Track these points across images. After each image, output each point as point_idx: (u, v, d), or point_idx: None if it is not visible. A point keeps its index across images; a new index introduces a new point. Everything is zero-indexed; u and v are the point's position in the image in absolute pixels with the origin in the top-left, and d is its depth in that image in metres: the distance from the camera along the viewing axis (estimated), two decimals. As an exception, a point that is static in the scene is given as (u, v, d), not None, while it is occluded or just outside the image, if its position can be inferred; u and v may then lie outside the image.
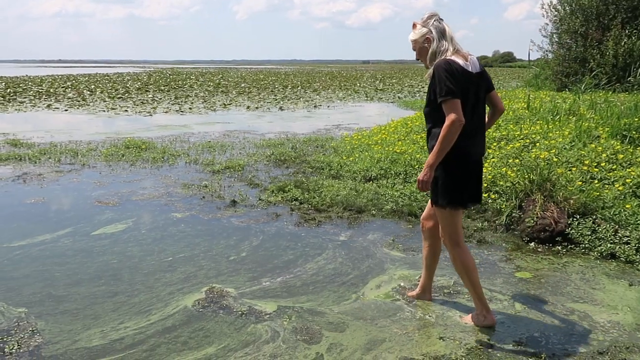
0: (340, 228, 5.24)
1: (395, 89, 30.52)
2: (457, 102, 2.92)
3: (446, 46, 3.05)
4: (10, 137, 10.97)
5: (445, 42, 3.06)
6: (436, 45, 3.07)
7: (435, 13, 3.16)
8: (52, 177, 7.38)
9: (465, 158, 3.08)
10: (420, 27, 3.14)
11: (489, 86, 3.19)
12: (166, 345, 3.07)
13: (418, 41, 3.16)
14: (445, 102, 2.93)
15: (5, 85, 30.14)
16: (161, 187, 6.83)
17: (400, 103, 20.71)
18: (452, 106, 2.91)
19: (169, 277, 4.04)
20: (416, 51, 3.22)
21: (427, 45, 3.12)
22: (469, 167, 3.12)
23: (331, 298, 3.69)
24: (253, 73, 59.92)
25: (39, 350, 3.01)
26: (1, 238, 4.90)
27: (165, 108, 18.22)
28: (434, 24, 3.10)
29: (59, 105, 18.94)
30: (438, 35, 3.07)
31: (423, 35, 3.12)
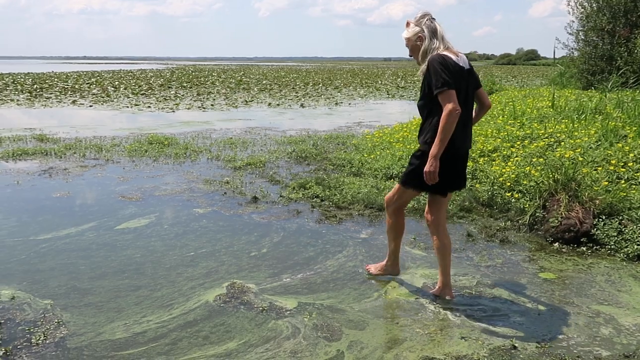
0: (361, 226, 5.22)
1: (417, 86, 30.30)
2: (453, 92, 3.07)
3: (437, 44, 3.23)
4: (36, 132, 11.17)
5: (436, 40, 3.23)
6: (428, 43, 3.25)
7: (427, 13, 3.32)
8: (77, 172, 7.50)
9: (455, 150, 3.24)
10: (414, 26, 3.32)
11: (477, 83, 3.39)
12: (188, 340, 3.10)
13: (411, 39, 3.34)
14: (442, 93, 3.08)
15: (32, 81, 30.69)
16: (183, 183, 6.89)
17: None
18: (448, 96, 3.06)
19: (190, 272, 4.08)
20: (409, 48, 3.40)
21: (420, 43, 3.30)
22: (457, 159, 3.31)
23: (352, 296, 3.68)
24: (274, 70, 60.06)
25: (64, 342, 3.07)
26: (28, 231, 4.99)
27: (188, 104, 18.37)
28: (426, 23, 3.27)
29: (84, 101, 19.23)
30: (430, 34, 3.25)
31: (416, 33, 3.30)
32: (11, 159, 8.37)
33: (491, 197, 5.67)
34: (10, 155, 8.56)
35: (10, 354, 2.93)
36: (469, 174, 6.26)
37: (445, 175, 3.27)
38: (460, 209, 5.57)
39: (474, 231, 5.03)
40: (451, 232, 4.99)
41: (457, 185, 3.48)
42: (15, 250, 4.49)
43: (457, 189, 3.58)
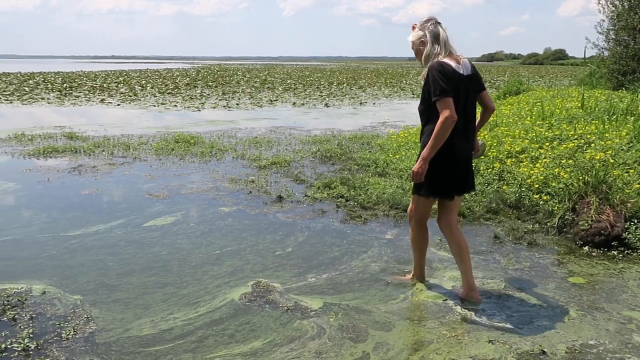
0: (386, 226, 5.20)
1: (443, 86, 30.04)
2: (450, 100, 3.16)
3: (438, 50, 3.30)
4: (66, 130, 11.39)
5: (438, 46, 3.30)
6: (429, 48, 3.32)
7: (432, 17, 3.40)
8: (105, 170, 7.62)
9: (455, 153, 3.31)
10: (418, 30, 3.40)
11: (480, 87, 3.43)
12: (214, 338, 3.12)
13: (415, 43, 3.43)
14: (439, 100, 3.17)
15: (62, 80, 31.31)
16: (209, 182, 6.94)
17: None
18: (445, 104, 3.15)
19: (216, 270, 4.11)
20: (414, 51, 3.48)
21: (422, 47, 3.37)
22: (457, 162, 3.37)
23: (378, 297, 3.66)
24: (299, 69, 60.20)
25: (93, 337, 3.12)
26: (58, 227, 5.09)
27: (213, 104, 18.53)
28: (430, 28, 3.34)
29: (112, 100, 19.54)
30: (432, 38, 3.32)
31: (419, 37, 3.39)
32: (42, 156, 8.55)
33: (519, 198, 5.59)
34: (41, 152, 8.74)
35: (41, 347, 2.99)
36: (496, 175, 6.19)
37: (447, 178, 3.37)
38: (487, 211, 5.50)
39: (501, 233, 4.96)
40: (478, 234, 4.94)
41: (463, 189, 3.52)
42: (46, 246, 4.58)
43: (465, 192, 3.62)
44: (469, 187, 3.56)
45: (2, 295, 3.58)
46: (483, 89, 3.47)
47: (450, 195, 3.49)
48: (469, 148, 3.45)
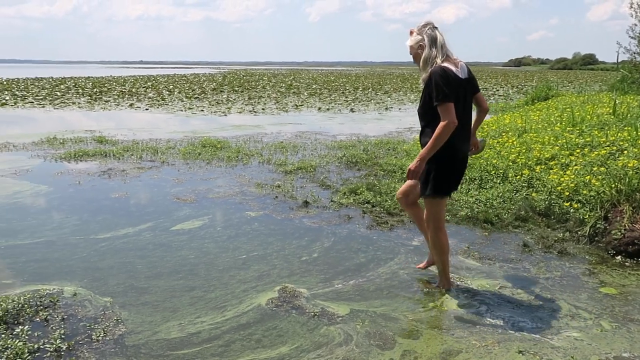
0: (412, 233, 5.16)
1: (469, 91, 29.76)
2: (452, 105, 3.29)
3: (435, 53, 3.39)
4: (96, 134, 11.61)
5: (435, 49, 3.40)
6: (427, 51, 3.42)
7: (430, 22, 3.50)
8: (134, 173, 7.74)
9: (455, 153, 3.46)
10: (416, 35, 3.50)
11: (475, 89, 3.60)
12: (241, 342, 3.13)
13: (413, 47, 3.54)
14: (441, 105, 3.29)
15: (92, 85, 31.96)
16: (236, 186, 6.99)
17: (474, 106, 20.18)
18: (447, 109, 3.28)
19: (243, 274, 4.12)
20: (412, 55, 3.58)
21: (420, 51, 3.47)
22: (457, 161, 3.52)
23: (406, 304, 3.63)
24: (324, 74, 60.34)
25: (122, 339, 3.16)
26: (88, 230, 5.18)
27: (239, 108, 18.68)
28: (428, 32, 3.45)
29: (140, 105, 19.85)
30: (430, 42, 3.42)
31: (417, 42, 3.49)
32: (73, 159, 8.73)
33: (548, 206, 5.49)
34: (72, 156, 8.92)
35: (72, 348, 3.04)
36: (524, 182, 6.10)
37: (450, 177, 3.53)
38: (515, 218, 5.42)
39: (530, 241, 4.88)
40: (506, 242, 4.87)
41: (455, 187, 3.67)
42: (77, 248, 4.67)
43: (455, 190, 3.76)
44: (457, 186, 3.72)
45: (35, 296, 3.65)
46: (478, 91, 3.64)
47: (449, 193, 3.66)
48: (466, 148, 3.61)
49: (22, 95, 23.75)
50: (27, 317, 3.39)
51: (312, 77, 51.20)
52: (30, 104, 20.10)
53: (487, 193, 6.05)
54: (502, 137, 8.31)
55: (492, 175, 6.53)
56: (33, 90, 27.25)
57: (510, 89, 32.68)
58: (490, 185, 6.33)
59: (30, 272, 4.14)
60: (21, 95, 24.11)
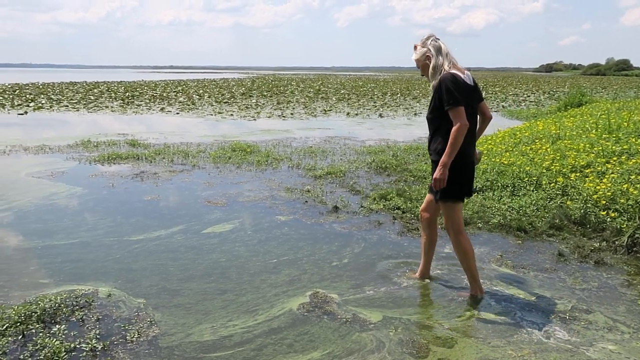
0: (444, 240, 5.08)
1: (499, 97, 29.41)
2: (462, 109, 3.39)
3: (442, 61, 3.51)
4: (129, 138, 11.81)
5: (441, 57, 3.52)
6: (435, 61, 3.54)
7: (432, 34, 3.63)
8: (166, 176, 7.84)
9: (463, 158, 3.53)
10: (420, 48, 3.63)
11: (480, 97, 3.70)
12: (272, 347, 3.13)
13: (420, 60, 3.65)
14: (452, 109, 3.39)
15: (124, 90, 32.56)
16: (265, 190, 7.03)
17: (505, 112, 19.92)
18: (458, 113, 3.38)
19: (274, 278, 4.13)
20: (420, 68, 3.71)
21: (428, 62, 3.59)
22: (465, 166, 3.58)
23: (441, 313, 3.59)
24: (352, 80, 60.32)
25: (156, 341, 3.19)
26: (122, 231, 5.27)
27: (268, 113, 18.80)
28: (432, 43, 3.58)
29: (171, 109, 20.14)
30: (435, 52, 3.54)
31: (423, 54, 3.61)
32: (107, 162, 8.89)
33: (584, 215, 5.37)
34: (105, 159, 9.10)
35: (107, 349, 3.08)
36: (559, 189, 5.99)
37: (456, 181, 3.57)
38: (549, 227, 5.31)
39: (565, 251, 4.78)
40: (540, 251, 4.78)
41: (469, 192, 3.73)
42: (111, 249, 4.75)
43: (470, 195, 3.79)
44: (472, 190, 3.78)
45: (71, 296, 3.72)
46: (482, 99, 3.73)
47: (462, 198, 3.70)
48: (474, 153, 3.70)
49: (57, 99, 24.34)
50: (64, 316, 3.46)
51: (340, 82, 51.25)
52: (65, 107, 20.58)
53: (520, 200, 5.95)
54: (535, 143, 8.17)
55: (525, 183, 6.42)
56: (68, 94, 27.91)
57: (542, 94, 32.16)
58: (523, 193, 6.23)
59: (66, 272, 4.23)
60: (56, 99, 24.71)
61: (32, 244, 4.88)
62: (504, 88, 40.74)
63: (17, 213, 5.88)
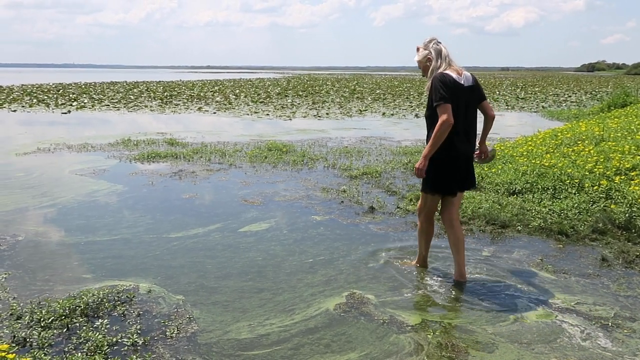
0: (482, 243, 5.02)
1: (539, 97, 28.80)
2: (448, 106, 3.61)
3: (440, 63, 3.77)
4: (167, 137, 12.03)
5: (441, 60, 3.77)
6: (434, 63, 3.79)
7: (434, 38, 3.86)
8: (203, 175, 7.95)
9: (456, 153, 3.74)
10: (423, 50, 3.88)
11: (481, 97, 3.90)
12: (309, 346, 3.14)
13: (422, 61, 3.90)
14: (439, 106, 3.64)
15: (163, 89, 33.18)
16: (301, 190, 7.05)
17: (545, 113, 19.50)
18: (444, 109, 3.62)
19: (310, 278, 4.14)
20: (421, 69, 3.94)
21: (429, 64, 3.84)
22: (458, 161, 3.79)
23: (484, 317, 3.53)
24: (388, 79, 60.00)
25: (195, 337, 3.24)
26: (161, 229, 5.37)
27: (304, 113, 18.86)
28: (433, 47, 3.82)
29: (208, 108, 20.43)
30: (436, 55, 3.79)
31: (425, 56, 3.86)
32: (146, 160, 9.08)
33: (629, 219, 5.21)
34: (145, 157, 9.29)
35: (148, 344, 3.14)
36: (602, 192, 5.82)
37: (449, 176, 3.82)
38: (592, 231, 5.17)
39: (609, 256, 4.64)
40: (582, 256, 4.65)
41: (463, 186, 3.96)
42: (151, 246, 4.84)
43: (465, 189, 4.03)
44: (469, 185, 3.99)
45: (113, 291, 3.81)
46: (484, 99, 3.92)
47: (452, 192, 3.92)
48: (469, 149, 3.87)
49: (98, 99, 24.99)
50: (106, 311, 3.54)
51: (375, 82, 51.05)
52: (106, 106, 21.11)
53: (561, 204, 5.80)
54: (577, 145, 7.97)
55: (567, 185, 6.27)
56: (109, 94, 28.63)
57: (583, 95, 31.34)
58: (565, 196, 6.07)
59: (108, 267, 4.33)
60: (98, 98, 25.37)
61: (76, 240, 5.01)
62: (544, 88, 39.87)
63: (61, 209, 6.05)
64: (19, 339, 3.12)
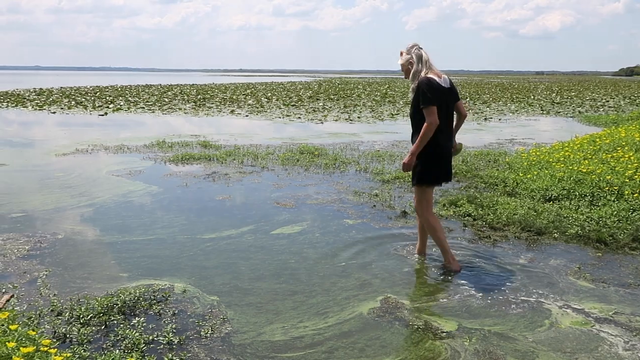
0: (518, 249, 4.93)
1: (575, 102, 28.19)
2: (434, 108, 3.99)
3: (421, 67, 4.11)
4: (201, 139, 12.19)
5: (421, 65, 4.12)
6: (415, 67, 4.13)
7: (416, 43, 4.22)
8: (236, 177, 8.03)
9: (439, 148, 4.14)
10: (405, 55, 4.22)
11: (456, 97, 4.28)
12: (344, 350, 3.13)
13: (404, 65, 4.25)
14: (426, 108, 3.99)
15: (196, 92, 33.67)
16: (333, 193, 7.05)
17: (582, 118, 19.08)
18: (430, 112, 3.98)
19: (344, 282, 4.13)
20: (404, 72, 4.29)
21: (410, 67, 4.19)
22: (442, 155, 4.21)
23: (522, 323, 3.46)
24: (419, 83, 59.48)
25: (229, 338, 3.26)
26: (195, 229, 5.43)
27: (335, 116, 18.87)
28: (415, 52, 4.17)
29: (241, 111, 20.63)
30: (417, 59, 4.14)
31: (407, 60, 4.21)
32: (180, 162, 9.21)
33: (672, 228, 5.04)
34: (179, 159, 9.43)
35: (183, 343, 3.18)
36: (644, 201, 5.65)
37: (437, 168, 4.21)
38: (632, 239, 5.02)
39: (651, 265, 4.50)
40: (622, 265, 4.54)
41: (446, 178, 4.33)
42: (185, 247, 4.91)
43: (446, 182, 4.39)
44: (448, 178, 4.36)
45: (148, 290, 3.87)
46: (459, 99, 4.30)
47: (439, 182, 4.34)
48: (450, 145, 4.29)
49: (134, 101, 25.50)
50: (142, 309, 3.60)
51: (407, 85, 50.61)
52: (142, 109, 21.52)
53: (599, 211, 5.67)
54: (616, 151, 7.77)
55: (605, 192, 6.12)
56: (144, 97, 29.18)
57: (622, 100, 30.54)
58: (603, 203, 5.93)
59: (143, 267, 4.41)
60: (133, 100, 25.89)
61: (112, 239, 5.12)
62: (581, 92, 39.02)
63: (99, 209, 6.19)
64: (59, 335, 3.20)
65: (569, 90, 43.73)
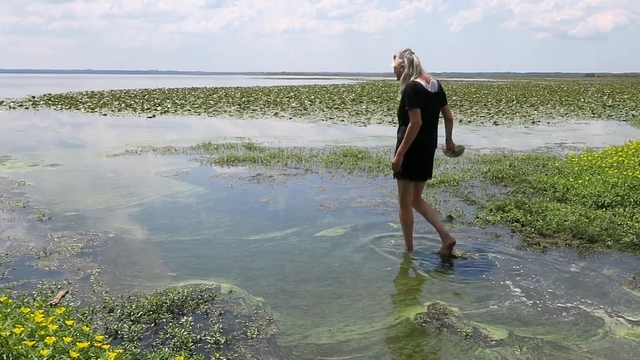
0: (569, 257, 4.77)
1: (628, 105, 27.18)
2: (418, 110, 4.31)
3: (411, 72, 4.41)
4: (245, 141, 12.34)
5: (412, 69, 4.41)
6: (406, 71, 4.43)
7: (408, 48, 4.52)
8: (280, 179, 8.08)
9: (422, 147, 4.48)
10: (398, 58, 4.54)
11: (443, 101, 4.59)
12: (391, 355, 3.09)
13: (397, 68, 4.56)
14: (410, 110, 4.33)
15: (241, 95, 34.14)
16: (377, 197, 7.01)
17: (636, 121, 18.37)
18: (414, 113, 4.32)
19: (390, 286, 4.10)
20: (396, 75, 4.58)
21: (402, 70, 4.49)
22: (422, 154, 4.54)
23: (575, 332, 3.36)
24: (464, 86, 58.68)
25: (274, 339, 3.27)
26: (240, 231, 5.49)
27: (378, 119, 18.78)
28: (407, 56, 4.47)
29: (284, 114, 20.78)
30: (408, 64, 4.44)
31: (400, 63, 4.52)
32: (226, 164, 9.35)
33: None
34: (225, 161, 9.57)
35: (230, 343, 3.21)
36: None
37: (418, 165, 4.55)
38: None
39: None
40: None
41: (428, 174, 4.73)
42: (231, 248, 4.96)
43: (428, 178, 4.80)
44: (429, 175, 4.74)
45: (196, 290, 3.93)
46: (445, 103, 4.62)
47: (419, 177, 4.68)
48: (433, 144, 4.60)
49: (181, 104, 26.06)
50: (190, 308, 3.66)
51: (451, 88, 50.04)
52: (188, 111, 21.97)
53: (657, 219, 5.43)
54: None
55: (664, 199, 5.86)
56: (190, 99, 29.79)
57: (679, 103, 29.24)
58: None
59: (191, 266, 4.48)
60: (180, 103, 26.47)
61: (160, 238, 5.23)
62: (634, 95, 37.59)
63: (147, 209, 6.34)
64: (111, 331, 3.29)
65: (622, 92, 42.20)
